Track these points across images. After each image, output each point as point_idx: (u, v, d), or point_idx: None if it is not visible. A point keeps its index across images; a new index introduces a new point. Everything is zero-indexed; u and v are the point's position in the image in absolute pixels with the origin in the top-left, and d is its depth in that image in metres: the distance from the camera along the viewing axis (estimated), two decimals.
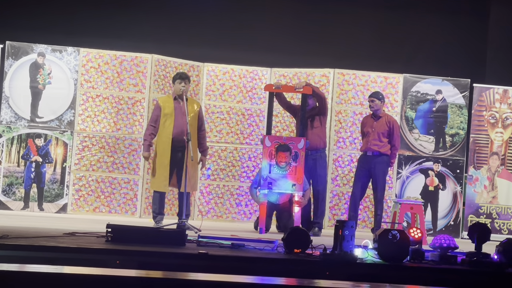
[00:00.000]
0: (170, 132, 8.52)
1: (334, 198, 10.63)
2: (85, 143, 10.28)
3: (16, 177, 10.15)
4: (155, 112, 8.67)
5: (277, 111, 10.42)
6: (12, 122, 10.18)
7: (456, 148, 10.68)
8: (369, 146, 9.28)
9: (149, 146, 8.63)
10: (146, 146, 8.65)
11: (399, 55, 11.76)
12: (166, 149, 8.51)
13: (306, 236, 6.22)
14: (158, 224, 8.40)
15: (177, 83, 8.62)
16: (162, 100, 8.71)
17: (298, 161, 8.73)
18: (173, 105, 8.57)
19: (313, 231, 8.92)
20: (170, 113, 8.54)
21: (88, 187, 10.24)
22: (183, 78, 8.64)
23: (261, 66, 10.89)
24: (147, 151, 8.63)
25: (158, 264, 5.54)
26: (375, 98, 9.31)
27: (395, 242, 6.03)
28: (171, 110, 8.55)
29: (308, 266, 5.84)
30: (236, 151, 10.78)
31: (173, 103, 8.58)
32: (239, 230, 8.72)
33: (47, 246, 5.66)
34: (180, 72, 9.15)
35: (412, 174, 10.64)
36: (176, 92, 8.60)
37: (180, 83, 8.59)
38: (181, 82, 8.59)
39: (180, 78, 8.65)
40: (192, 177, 8.48)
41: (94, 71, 10.36)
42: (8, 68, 10.21)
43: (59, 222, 8.40)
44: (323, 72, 10.74)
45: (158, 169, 8.54)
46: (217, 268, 5.51)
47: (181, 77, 8.66)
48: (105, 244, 6.05)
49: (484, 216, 10.54)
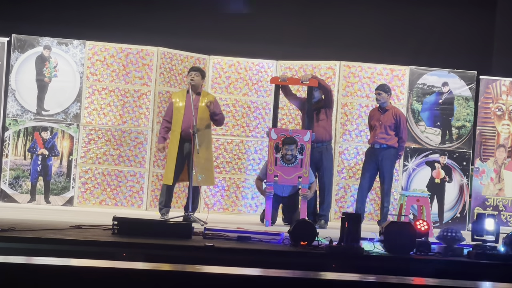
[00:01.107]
0: (179, 125, 8.51)
1: (340, 191, 10.62)
2: (91, 136, 10.29)
3: (22, 170, 10.17)
4: (168, 107, 8.74)
5: (283, 104, 10.41)
6: (19, 115, 10.19)
7: (462, 140, 10.66)
8: (376, 139, 9.27)
9: (163, 138, 8.68)
10: (160, 138, 8.72)
11: (405, 47, 11.72)
12: (174, 142, 8.52)
13: (312, 229, 6.22)
14: (164, 217, 8.41)
15: (188, 76, 8.66)
16: (174, 95, 8.73)
17: (304, 153, 8.73)
18: (185, 99, 8.56)
19: (319, 224, 8.92)
20: (181, 107, 8.54)
21: (94, 180, 10.26)
22: (194, 70, 8.64)
23: (267, 59, 10.88)
24: (161, 142, 8.68)
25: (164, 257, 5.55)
26: (382, 91, 9.29)
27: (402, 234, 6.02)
28: (182, 104, 8.55)
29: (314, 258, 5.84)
30: (242, 144, 10.78)
31: (185, 97, 8.57)
32: (245, 223, 8.73)
33: (53, 238, 5.68)
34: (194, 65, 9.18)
35: (419, 166, 10.62)
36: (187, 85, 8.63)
37: (190, 75, 8.60)
38: (190, 74, 8.60)
39: (191, 70, 8.68)
40: (207, 170, 8.47)
41: (100, 64, 10.36)
42: (14, 61, 10.22)
43: (65, 215, 8.42)
44: (329, 64, 10.72)
45: (167, 162, 8.56)
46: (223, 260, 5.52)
47: (192, 69, 8.69)
48: (111, 237, 6.07)
49: (491, 209, 10.52)
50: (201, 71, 8.69)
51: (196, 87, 8.55)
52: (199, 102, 8.49)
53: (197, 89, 8.57)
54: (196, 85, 8.54)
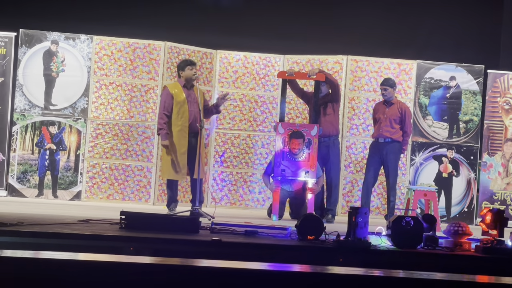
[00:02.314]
0: (186, 120, 8.50)
1: (347, 185, 10.62)
2: (99, 130, 10.31)
3: (30, 164, 10.20)
4: (167, 100, 8.58)
5: (290, 98, 10.41)
6: (26, 110, 10.21)
7: (470, 134, 10.64)
8: (381, 133, 9.27)
9: (167, 134, 8.59)
10: (164, 135, 8.57)
11: (412, 42, 11.70)
12: (182, 138, 8.49)
13: (319, 223, 6.22)
14: (171, 211, 8.42)
15: (187, 70, 8.58)
16: (172, 88, 8.65)
17: (311, 148, 8.73)
18: (184, 93, 8.54)
19: (327, 218, 8.92)
20: (182, 101, 8.52)
21: (102, 175, 10.28)
22: (193, 64, 8.63)
23: (274, 53, 10.88)
24: (166, 139, 8.57)
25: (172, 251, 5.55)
26: (387, 85, 9.28)
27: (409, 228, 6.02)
28: (183, 98, 8.53)
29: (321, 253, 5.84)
30: (249, 138, 10.78)
31: (183, 91, 8.55)
32: (253, 217, 8.73)
33: (61, 233, 5.69)
34: (187, 59, 9.14)
35: (426, 161, 10.61)
36: (186, 79, 8.57)
37: (192, 69, 8.57)
38: (192, 69, 8.58)
39: (191, 64, 8.64)
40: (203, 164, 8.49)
41: (107, 58, 10.37)
42: (22, 56, 10.24)
43: (73, 209, 8.44)
44: (336, 58, 10.71)
45: (175, 157, 8.52)
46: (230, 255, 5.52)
47: (192, 63, 8.65)
48: (119, 231, 6.07)
49: (498, 203, 10.51)
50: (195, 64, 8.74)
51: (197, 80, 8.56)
52: (197, 96, 8.48)
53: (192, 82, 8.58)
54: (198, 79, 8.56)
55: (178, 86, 8.63)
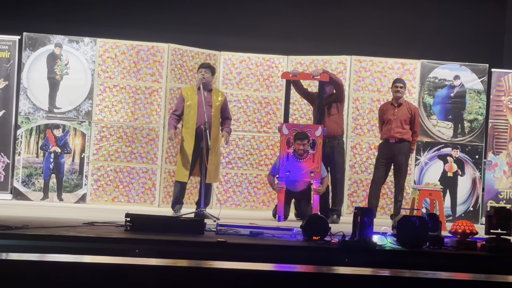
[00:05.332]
0: (194, 122, 8.50)
1: (352, 185, 10.61)
2: (103, 133, 10.32)
3: (35, 167, 10.21)
4: (179, 102, 8.65)
5: (294, 99, 10.40)
6: (31, 113, 10.23)
7: (474, 133, 10.62)
8: (392, 134, 9.23)
9: (174, 127, 8.58)
10: (171, 126, 8.57)
11: (416, 41, 11.69)
12: (189, 139, 8.50)
13: (324, 224, 6.21)
14: (176, 213, 8.42)
15: (198, 73, 8.62)
16: (185, 91, 8.68)
17: (316, 148, 8.72)
18: (196, 96, 8.53)
19: (332, 219, 8.91)
20: (193, 104, 8.52)
21: (107, 177, 10.29)
22: (204, 67, 8.62)
23: (277, 54, 10.88)
24: (172, 129, 8.55)
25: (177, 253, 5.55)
26: (403, 84, 9.29)
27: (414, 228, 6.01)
28: (194, 101, 8.52)
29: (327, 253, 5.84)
30: (253, 140, 10.78)
31: (196, 94, 8.55)
32: (258, 218, 8.73)
33: (66, 236, 5.70)
34: (204, 62, 9.15)
35: (431, 160, 10.60)
36: (197, 82, 8.60)
37: (200, 72, 8.57)
38: (201, 71, 8.57)
39: (201, 67, 8.65)
40: (216, 167, 8.49)
41: (111, 61, 10.38)
42: (26, 59, 10.25)
43: (78, 212, 8.44)
44: (340, 59, 10.70)
45: (181, 159, 8.53)
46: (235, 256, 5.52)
47: (202, 66, 8.66)
48: (124, 233, 6.08)
49: (504, 202, 10.49)
50: (211, 68, 8.67)
51: (207, 84, 8.54)
52: (211, 100, 8.49)
53: (208, 86, 8.57)
54: (206, 82, 8.53)
55: (192, 89, 8.64)
